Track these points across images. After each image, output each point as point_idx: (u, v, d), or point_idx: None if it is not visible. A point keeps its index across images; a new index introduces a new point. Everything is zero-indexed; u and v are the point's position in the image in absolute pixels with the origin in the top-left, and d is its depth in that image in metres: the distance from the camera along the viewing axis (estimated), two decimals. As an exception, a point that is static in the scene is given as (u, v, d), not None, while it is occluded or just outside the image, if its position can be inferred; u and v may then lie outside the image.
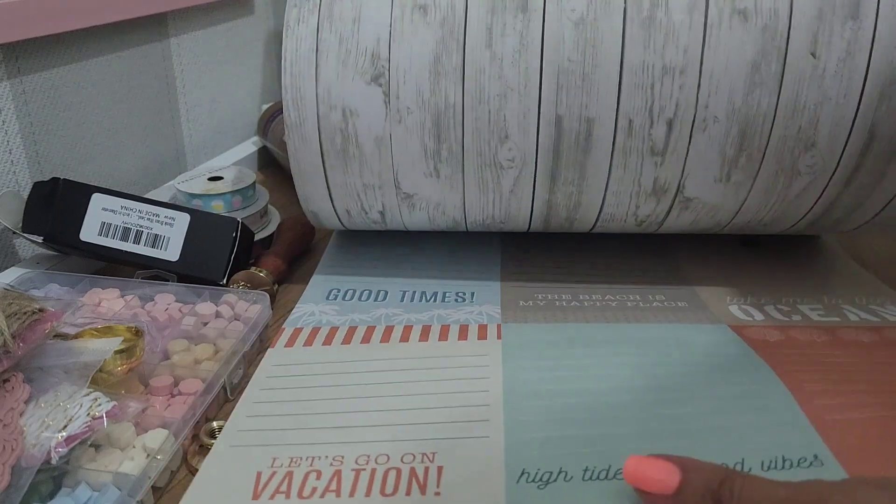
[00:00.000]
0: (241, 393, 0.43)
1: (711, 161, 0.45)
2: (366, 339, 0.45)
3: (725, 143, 0.44)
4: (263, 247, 0.59)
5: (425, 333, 0.45)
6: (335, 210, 0.51)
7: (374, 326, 0.47)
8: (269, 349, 0.45)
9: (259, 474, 0.35)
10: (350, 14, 0.44)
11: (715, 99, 0.43)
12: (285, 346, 0.45)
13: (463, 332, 0.45)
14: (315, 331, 0.46)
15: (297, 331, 0.47)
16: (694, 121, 0.43)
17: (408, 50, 0.44)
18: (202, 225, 0.51)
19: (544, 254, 0.58)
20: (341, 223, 0.53)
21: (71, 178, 0.51)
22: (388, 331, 0.46)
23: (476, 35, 0.43)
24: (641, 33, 0.42)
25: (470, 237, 0.61)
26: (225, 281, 0.50)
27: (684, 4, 0.42)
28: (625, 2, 0.42)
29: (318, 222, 0.53)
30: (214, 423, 0.39)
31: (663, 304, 0.49)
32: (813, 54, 0.41)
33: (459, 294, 0.52)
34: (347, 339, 0.45)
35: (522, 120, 0.44)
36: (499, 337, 0.44)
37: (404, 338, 0.45)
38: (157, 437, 0.36)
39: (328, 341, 0.45)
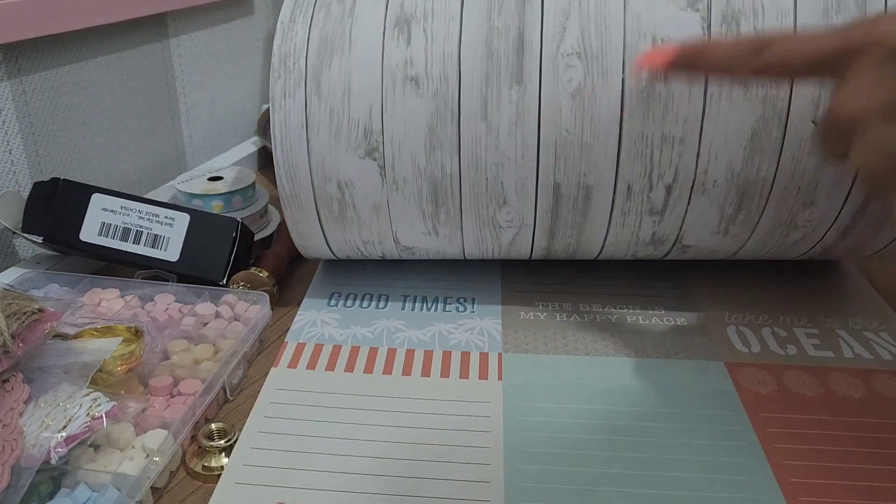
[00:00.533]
0: (240, 393, 0.43)
1: (710, 219, 0.45)
2: (368, 368, 0.45)
3: (724, 203, 0.44)
4: (263, 247, 0.59)
5: (427, 365, 0.45)
6: (336, 257, 0.52)
7: (377, 348, 0.46)
8: (272, 368, 0.44)
9: None
10: (339, 86, 0.43)
11: (714, 165, 0.43)
12: (288, 367, 0.45)
13: (465, 367, 0.45)
14: (318, 349, 0.46)
15: (301, 347, 0.46)
16: (693, 185, 0.43)
17: (401, 122, 0.43)
18: (202, 225, 0.51)
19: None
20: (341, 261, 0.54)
21: (71, 179, 0.51)
22: (391, 356, 0.46)
23: (470, 107, 0.42)
24: (640, 105, 0.41)
25: None
26: (225, 281, 0.50)
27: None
28: (623, 73, 0.41)
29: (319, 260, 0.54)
30: (213, 425, 0.39)
31: (662, 320, 0.49)
32: (814, 122, 0.41)
33: (461, 300, 0.52)
34: (350, 366, 0.45)
35: (521, 187, 0.44)
36: (499, 377, 0.44)
37: (406, 371, 0.44)
38: (156, 438, 0.36)
39: (331, 366, 0.45)
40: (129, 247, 0.50)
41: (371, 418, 0.40)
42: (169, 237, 0.50)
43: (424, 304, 0.51)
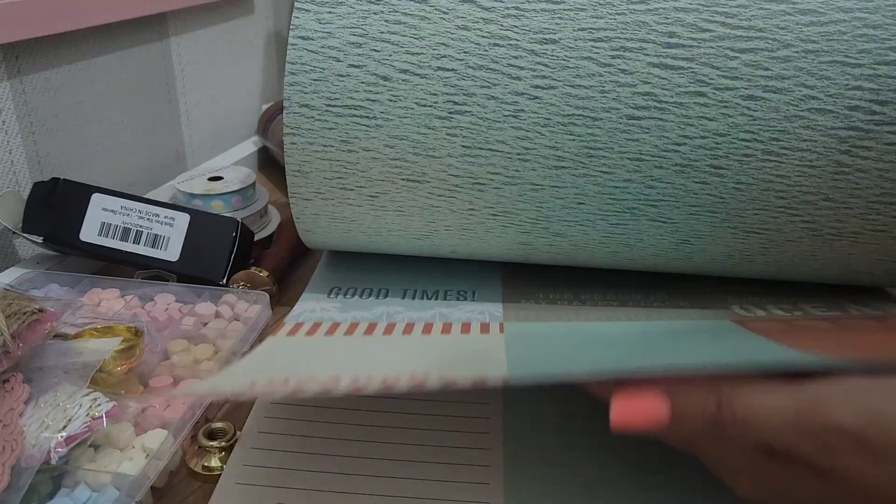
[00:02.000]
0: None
1: None
2: (369, 331, 0.44)
3: None
4: (263, 247, 0.59)
5: (428, 329, 0.45)
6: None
7: (377, 322, 0.46)
8: (269, 337, 0.44)
9: None
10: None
11: None
12: (287, 335, 0.44)
13: (466, 328, 0.45)
14: (316, 325, 0.46)
15: (299, 325, 0.46)
16: None
17: None
18: (202, 225, 0.51)
19: None
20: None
21: (71, 178, 0.51)
22: (391, 326, 0.46)
23: None
24: None
25: None
26: (225, 281, 0.50)
27: None
28: None
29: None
30: (213, 425, 0.39)
31: (664, 302, 0.49)
32: None
33: (461, 292, 0.52)
34: (350, 331, 0.45)
35: None
36: (501, 331, 0.44)
37: (407, 331, 0.44)
38: (156, 438, 0.36)
39: (331, 331, 0.45)
40: (129, 247, 0.50)
41: (371, 365, 0.40)
42: (169, 237, 0.50)
43: (425, 295, 0.51)
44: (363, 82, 0.43)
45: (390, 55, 0.42)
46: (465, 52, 0.40)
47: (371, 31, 0.42)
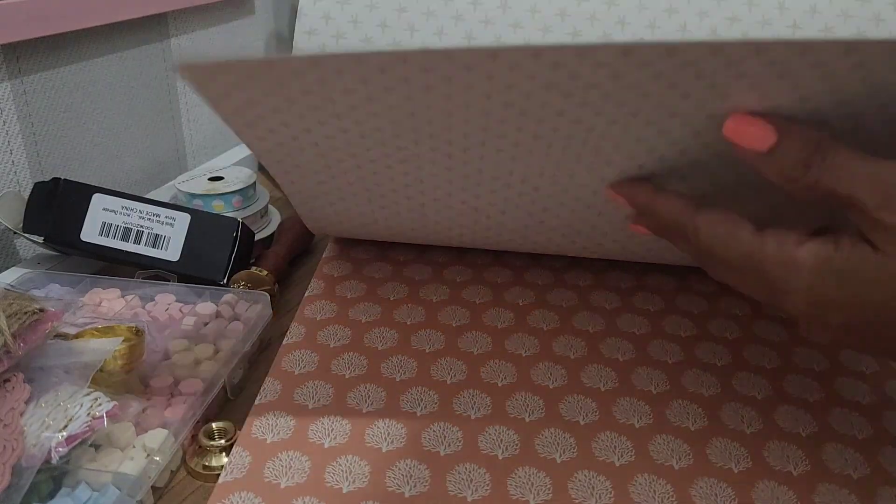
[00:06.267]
0: (241, 393, 0.43)
1: None
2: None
3: None
4: (264, 247, 0.59)
5: None
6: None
7: None
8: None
9: None
10: None
11: None
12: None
13: None
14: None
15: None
16: None
17: None
18: (202, 225, 0.51)
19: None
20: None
21: (71, 179, 0.51)
22: None
23: None
24: None
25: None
26: (225, 281, 0.50)
27: None
28: None
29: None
30: (214, 425, 0.39)
31: None
32: None
33: None
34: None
35: None
36: None
37: None
38: (156, 437, 0.36)
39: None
40: (129, 247, 0.50)
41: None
42: (169, 237, 0.50)
43: None
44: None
45: None
46: None
47: None
